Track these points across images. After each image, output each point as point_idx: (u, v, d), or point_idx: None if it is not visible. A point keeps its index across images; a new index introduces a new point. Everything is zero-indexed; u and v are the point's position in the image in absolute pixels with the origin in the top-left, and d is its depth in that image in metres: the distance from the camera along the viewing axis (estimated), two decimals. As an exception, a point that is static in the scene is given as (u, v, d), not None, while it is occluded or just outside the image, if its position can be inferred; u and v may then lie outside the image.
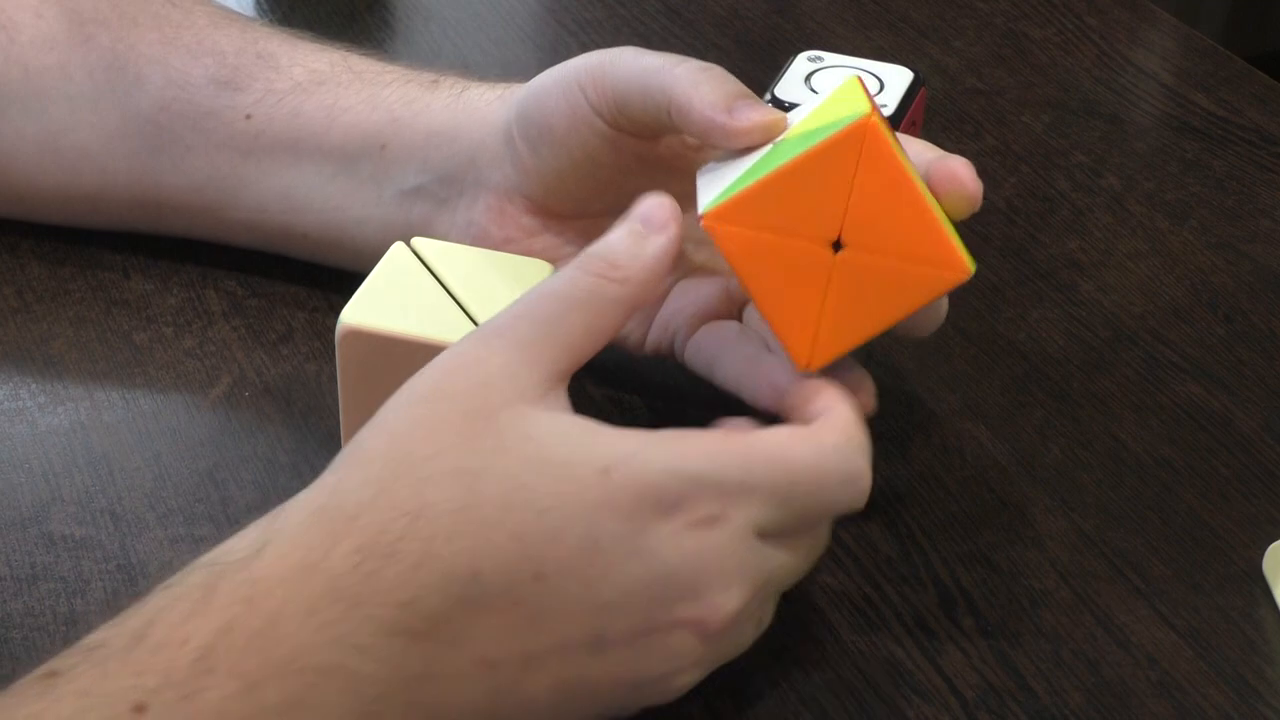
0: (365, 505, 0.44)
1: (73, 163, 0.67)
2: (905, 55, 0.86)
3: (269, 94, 0.64)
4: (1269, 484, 0.61)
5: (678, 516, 0.45)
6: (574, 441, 0.45)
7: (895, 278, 0.50)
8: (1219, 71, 0.88)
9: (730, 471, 0.46)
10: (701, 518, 0.45)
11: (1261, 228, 0.76)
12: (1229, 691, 0.53)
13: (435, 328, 0.56)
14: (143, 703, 0.40)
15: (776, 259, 0.51)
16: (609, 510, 0.44)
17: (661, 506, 0.45)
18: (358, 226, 0.64)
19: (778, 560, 0.48)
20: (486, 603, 0.43)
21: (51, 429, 0.61)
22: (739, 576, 0.46)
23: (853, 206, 0.50)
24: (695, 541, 0.45)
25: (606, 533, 0.44)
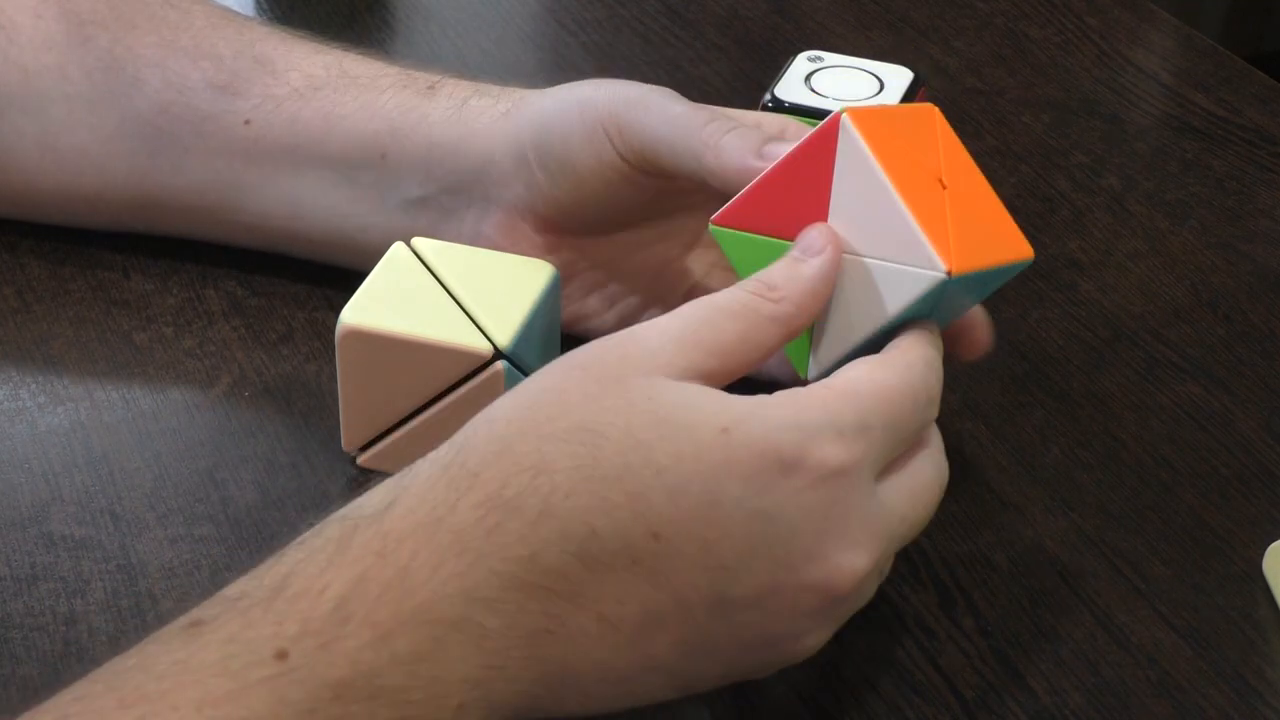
0: (488, 462, 0.44)
1: (71, 163, 0.67)
2: (905, 55, 0.86)
3: (267, 99, 0.64)
4: (1269, 484, 0.61)
5: (801, 473, 0.45)
6: (696, 403, 0.45)
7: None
8: (1219, 71, 0.88)
9: (846, 416, 0.46)
10: (827, 471, 0.45)
11: (1261, 228, 0.76)
12: (1229, 691, 0.53)
13: (435, 328, 0.56)
14: (284, 650, 0.41)
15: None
16: (729, 471, 0.44)
17: (784, 465, 0.45)
18: (363, 232, 0.64)
19: (890, 509, 0.47)
20: (604, 560, 0.43)
21: (51, 429, 0.61)
22: (864, 534, 0.46)
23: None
24: (820, 498, 0.45)
25: (726, 494, 0.44)
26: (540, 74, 0.87)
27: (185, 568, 0.56)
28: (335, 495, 0.59)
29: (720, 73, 0.86)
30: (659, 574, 0.44)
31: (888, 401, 0.47)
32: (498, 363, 0.56)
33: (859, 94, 0.67)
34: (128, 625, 0.54)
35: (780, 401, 0.46)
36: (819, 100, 0.66)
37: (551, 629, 0.43)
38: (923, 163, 0.52)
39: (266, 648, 0.41)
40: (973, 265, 0.50)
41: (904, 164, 0.51)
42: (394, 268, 0.59)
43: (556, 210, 0.60)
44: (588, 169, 0.58)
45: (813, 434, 0.45)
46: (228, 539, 0.57)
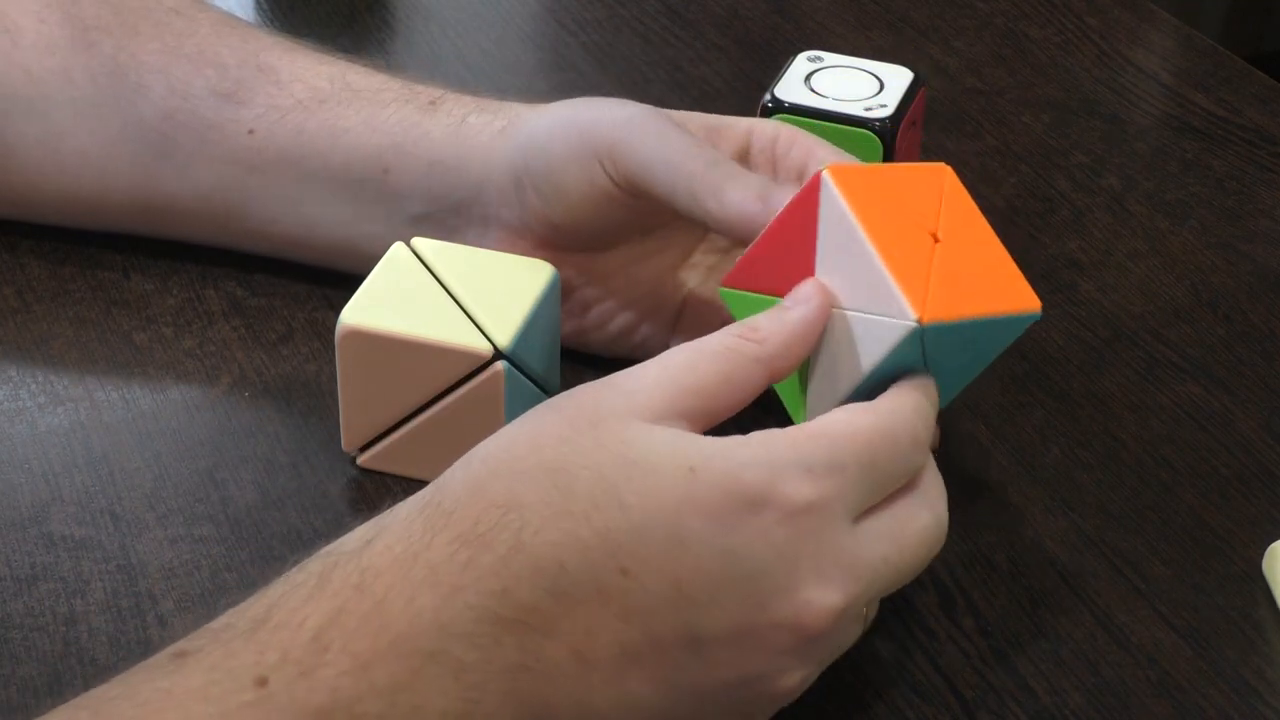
0: (462, 501, 0.45)
1: (74, 166, 0.67)
2: (905, 55, 0.86)
3: (271, 110, 0.65)
4: (1269, 484, 0.61)
5: (769, 510, 0.45)
6: (664, 445, 0.46)
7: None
8: (1219, 71, 0.88)
9: (817, 455, 0.46)
10: (795, 508, 0.45)
11: (1261, 228, 0.76)
12: (1229, 691, 0.53)
13: (435, 328, 0.56)
14: (264, 677, 0.42)
15: None
16: (694, 509, 0.45)
17: (751, 502, 0.45)
18: (369, 242, 0.64)
19: (872, 549, 0.47)
20: (575, 594, 0.44)
21: (51, 429, 0.61)
22: (836, 571, 0.46)
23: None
24: (789, 535, 0.45)
25: (692, 531, 0.44)
26: (540, 74, 0.87)
27: (185, 568, 0.56)
28: (335, 495, 0.59)
29: (720, 73, 0.86)
30: (630, 610, 0.44)
31: (865, 442, 0.47)
32: (498, 363, 0.56)
33: (859, 94, 0.67)
34: (128, 625, 0.54)
35: (750, 441, 0.46)
36: (819, 100, 0.66)
37: (528, 664, 0.44)
38: (914, 218, 0.52)
39: (247, 675, 0.42)
40: (950, 315, 0.50)
41: (888, 218, 0.51)
42: (394, 268, 0.59)
43: (551, 230, 0.61)
44: (580, 193, 0.59)
45: (780, 471, 0.45)
46: (228, 539, 0.57)
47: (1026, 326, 0.52)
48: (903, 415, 0.48)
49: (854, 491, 0.46)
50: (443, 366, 0.56)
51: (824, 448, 0.46)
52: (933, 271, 0.51)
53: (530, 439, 0.46)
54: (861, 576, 0.46)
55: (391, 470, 0.59)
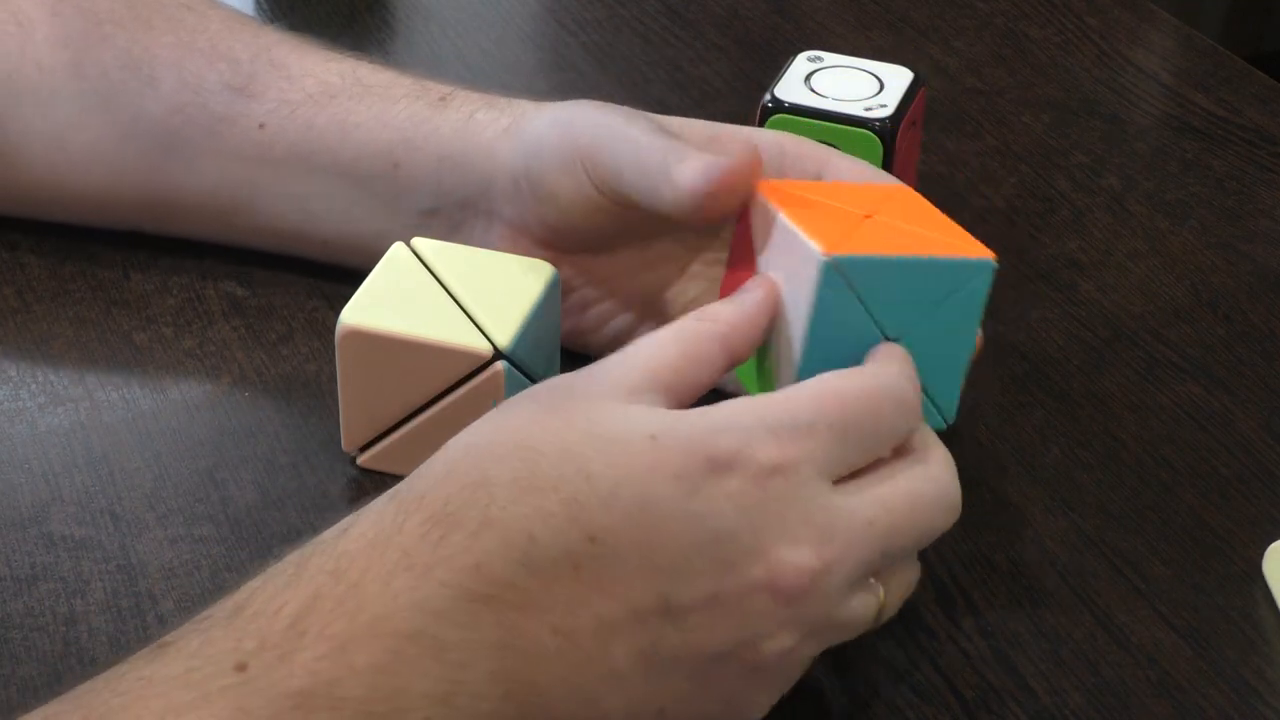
0: (432, 485, 0.46)
1: (82, 160, 0.67)
2: (905, 55, 0.86)
3: (282, 104, 0.65)
4: (1269, 484, 0.61)
5: (735, 472, 0.45)
6: (629, 417, 0.46)
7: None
8: (1219, 71, 0.88)
9: (783, 417, 0.46)
10: (762, 469, 0.45)
11: (1261, 228, 0.76)
12: (1229, 691, 0.53)
13: (435, 328, 0.56)
14: (243, 662, 0.42)
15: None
16: (657, 473, 0.45)
17: (715, 464, 0.45)
18: (377, 238, 0.64)
19: (850, 513, 0.46)
20: (546, 566, 0.44)
21: (51, 429, 0.61)
22: (808, 531, 0.45)
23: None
24: (756, 495, 0.45)
25: (657, 496, 0.45)
26: (540, 74, 0.87)
27: (185, 568, 0.56)
28: (335, 495, 0.59)
29: (720, 73, 0.86)
30: (603, 579, 0.44)
31: (836, 404, 0.47)
32: (497, 363, 0.56)
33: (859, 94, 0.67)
34: (128, 625, 0.54)
35: (717, 408, 0.47)
36: (819, 100, 0.66)
37: (509, 642, 0.44)
38: (849, 206, 0.54)
39: (227, 661, 0.42)
40: (860, 250, 0.51)
41: (815, 208, 0.53)
42: (394, 268, 0.59)
43: (549, 231, 0.61)
44: (569, 199, 0.59)
45: (745, 434, 0.45)
46: (228, 539, 0.57)
47: (988, 282, 0.53)
48: (883, 379, 0.49)
49: (825, 453, 0.46)
50: (443, 366, 0.56)
51: (790, 410, 0.46)
52: (856, 231, 0.52)
53: (502, 423, 0.47)
54: (838, 538, 0.46)
55: (391, 470, 0.59)
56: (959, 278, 0.52)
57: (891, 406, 0.48)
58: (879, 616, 0.49)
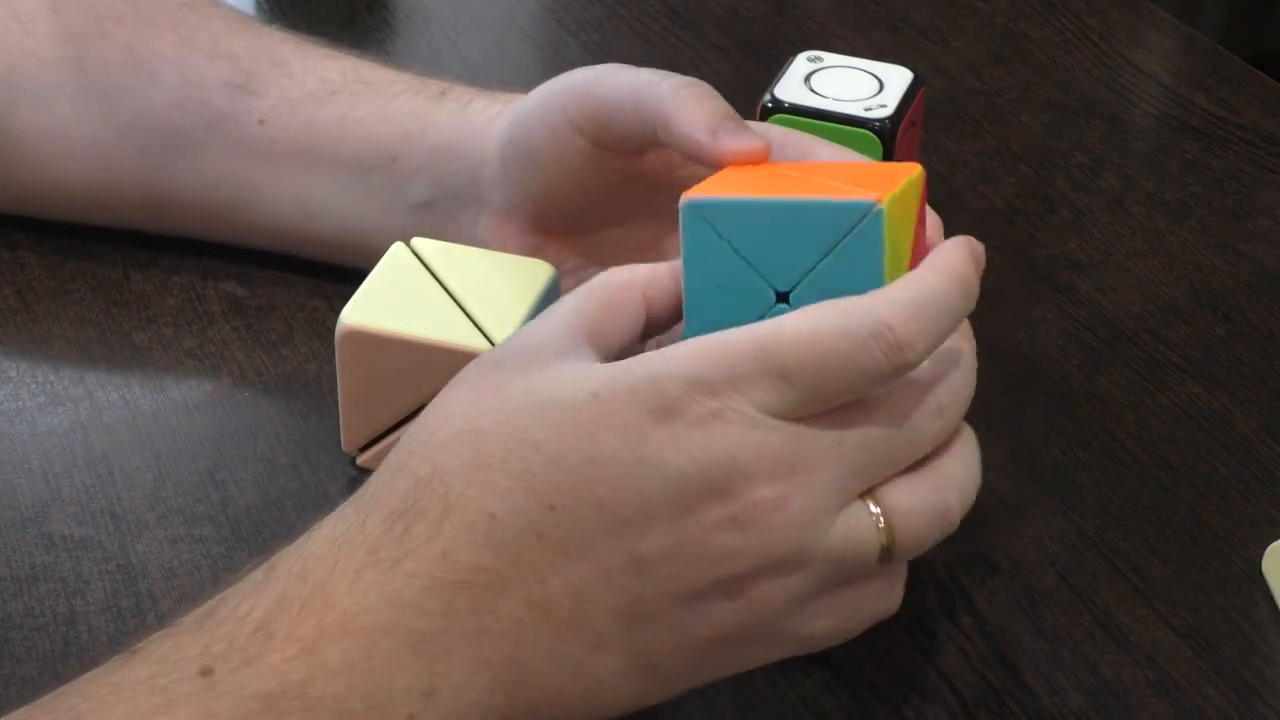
0: (385, 483, 0.46)
1: (84, 156, 0.67)
2: (905, 55, 0.86)
3: (283, 101, 0.65)
4: (1269, 484, 0.61)
5: (676, 418, 0.44)
6: (566, 378, 0.46)
7: None
8: (1219, 71, 0.88)
9: (715, 366, 0.45)
10: (699, 416, 0.44)
11: (1261, 228, 0.76)
12: (1228, 691, 0.53)
13: (435, 328, 0.56)
14: (209, 666, 0.42)
15: None
16: (601, 427, 0.44)
17: (656, 412, 0.44)
18: (374, 234, 0.64)
19: (811, 441, 0.45)
20: (511, 541, 0.44)
21: (51, 429, 0.61)
22: (759, 462, 0.44)
23: None
24: (701, 438, 0.44)
25: (605, 449, 0.44)
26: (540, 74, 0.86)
27: (185, 568, 0.56)
28: (335, 495, 0.59)
29: (720, 73, 0.86)
30: (567, 544, 0.44)
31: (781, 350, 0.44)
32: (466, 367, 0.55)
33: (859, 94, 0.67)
34: (128, 625, 0.54)
35: (651, 357, 0.46)
36: (819, 100, 0.66)
37: (487, 626, 0.44)
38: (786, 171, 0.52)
39: (192, 665, 0.42)
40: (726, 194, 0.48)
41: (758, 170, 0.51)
42: (394, 268, 0.59)
43: (533, 204, 0.61)
44: (550, 153, 0.59)
45: (678, 381, 0.44)
46: (228, 539, 0.57)
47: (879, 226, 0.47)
48: (855, 317, 0.45)
49: (768, 398, 0.45)
50: (443, 366, 0.56)
51: (724, 360, 0.45)
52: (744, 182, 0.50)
53: (440, 413, 0.47)
54: (799, 461, 0.44)
55: (391, 470, 0.59)
56: (840, 221, 0.47)
57: (848, 346, 0.44)
58: (892, 547, 0.46)
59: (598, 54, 0.87)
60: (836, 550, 0.45)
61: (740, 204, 0.48)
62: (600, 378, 0.45)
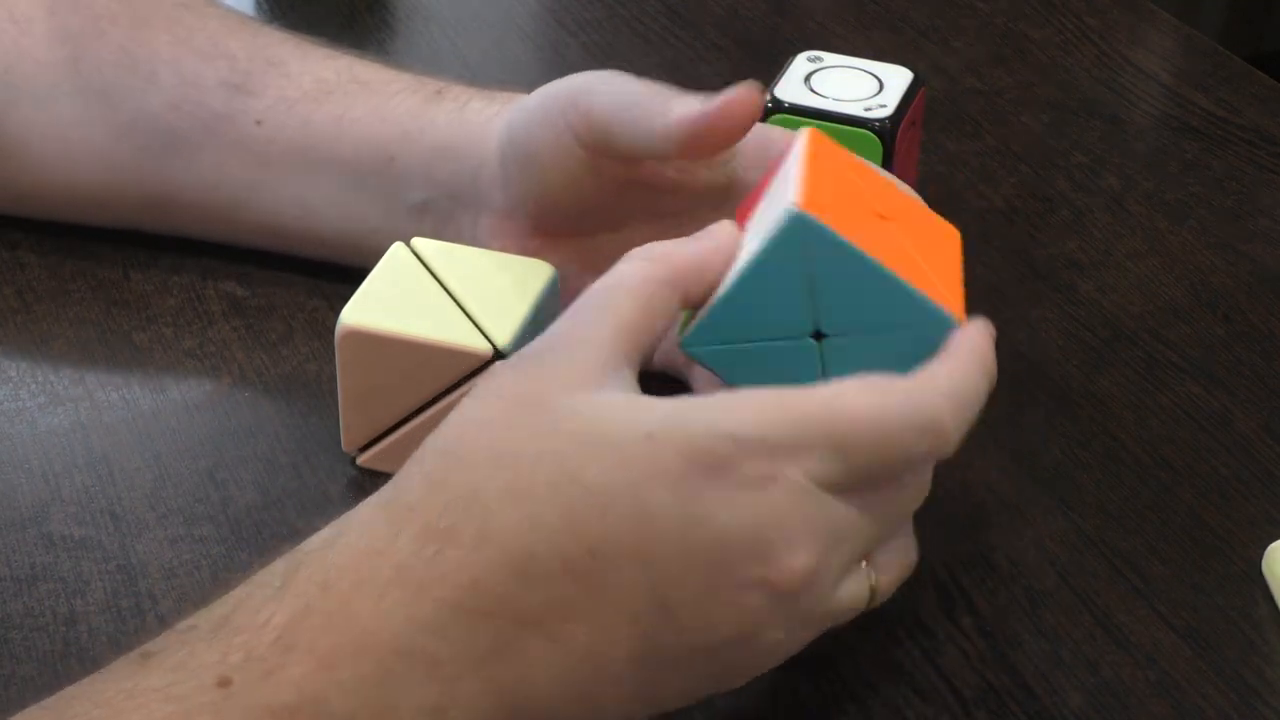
0: (423, 496, 0.45)
1: (82, 157, 0.67)
2: (905, 55, 0.86)
3: (280, 101, 0.65)
4: (1269, 484, 0.61)
5: (728, 478, 0.44)
6: (619, 413, 0.45)
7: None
8: (1219, 71, 0.88)
9: (778, 429, 0.45)
10: (751, 477, 0.44)
11: (1261, 228, 0.76)
12: (1228, 691, 0.53)
13: (435, 328, 0.56)
14: (227, 677, 0.41)
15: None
16: (656, 479, 0.44)
17: (710, 469, 0.44)
18: (373, 234, 0.64)
19: (846, 514, 0.46)
20: (546, 580, 0.44)
21: (51, 429, 0.61)
22: (804, 533, 0.45)
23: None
24: (750, 502, 0.44)
25: (655, 503, 0.44)
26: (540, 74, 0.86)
27: (185, 568, 0.56)
28: (335, 495, 0.59)
29: (720, 73, 0.86)
30: (600, 589, 0.44)
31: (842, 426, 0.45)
32: (497, 363, 0.56)
33: (859, 94, 0.67)
34: (128, 625, 0.54)
35: (710, 404, 0.45)
36: (819, 100, 0.66)
37: (503, 653, 0.44)
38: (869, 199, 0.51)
39: (209, 675, 0.42)
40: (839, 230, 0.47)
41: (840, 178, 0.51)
42: (394, 268, 0.59)
43: (533, 206, 0.61)
44: (549, 159, 0.59)
45: (735, 440, 0.44)
46: (228, 539, 0.57)
47: (941, 339, 0.49)
48: (915, 401, 0.46)
49: (820, 469, 0.45)
50: (443, 366, 0.56)
51: (787, 423, 0.45)
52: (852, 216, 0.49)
53: (480, 429, 0.46)
54: (832, 533, 0.45)
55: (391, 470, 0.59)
56: (916, 317, 0.49)
57: (912, 434, 0.46)
58: (873, 599, 0.48)
59: (597, 54, 0.87)
60: (839, 608, 0.48)
61: (845, 248, 0.48)
62: (655, 419, 0.45)
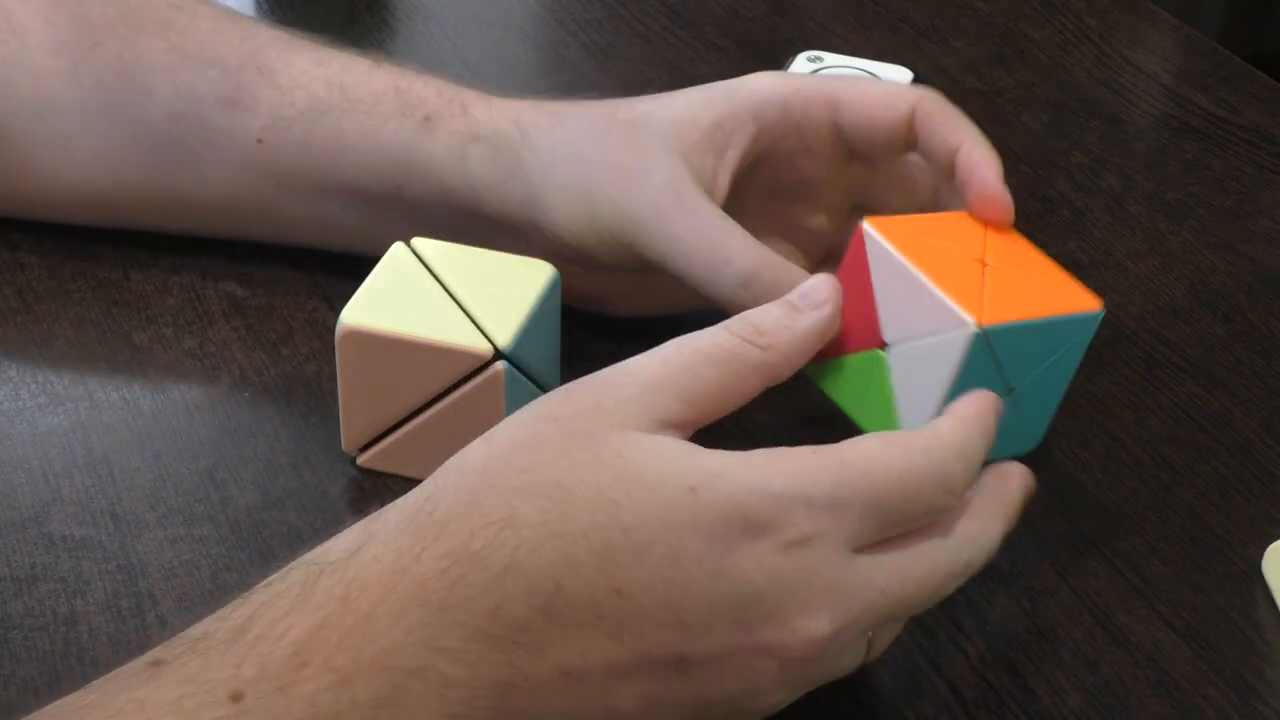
0: (456, 513, 0.44)
1: (87, 166, 0.67)
2: (905, 55, 0.86)
3: (276, 120, 0.64)
4: (1269, 484, 0.61)
5: (767, 538, 0.44)
6: (666, 461, 0.45)
7: None
8: (1219, 71, 0.88)
9: (822, 488, 0.45)
10: (793, 539, 0.44)
11: (1261, 228, 0.76)
12: (1228, 691, 0.53)
13: (435, 328, 0.56)
14: (240, 691, 0.41)
15: None
16: (694, 530, 0.44)
17: (750, 527, 0.44)
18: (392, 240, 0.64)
19: (868, 578, 0.46)
20: (569, 614, 0.43)
21: (51, 429, 0.61)
22: (828, 600, 0.45)
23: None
24: (784, 563, 0.44)
25: (690, 553, 0.44)
26: (540, 74, 0.87)
27: (185, 568, 0.56)
28: (335, 495, 0.59)
29: (720, 73, 0.86)
30: (622, 630, 0.44)
31: (878, 482, 0.46)
32: (497, 363, 0.56)
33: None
34: (128, 625, 0.54)
35: (755, 461, 0.45)
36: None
37: (515, 681, 0.43)
38: (958, 249, 0.55)
39: (222, 689, 0.41)
40: (1007, 318, 0.52)
41: (933, 251, 0.54)
42: (394, 268, 0.59)
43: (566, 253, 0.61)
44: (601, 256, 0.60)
45: (780, 499, 0.45)
46: (228, 539, 0.57)
47: (1094, 329, 0.54)
48: (934, 458, 0.47)
49: (856, 526, 0.45)
50: (443, 366, 0.56)
51: (830, 481, 0.45)
52: (985, 287, 0.53)
53: (527, 450, 0.45)
54: (853, 607, 0.46)
55: (391, 470, 0.59)
56: (1077, 330, 0.55)
57: (931, 489, 0.47)
58: (866, 657, 0.49)
59: (598, 54, 0.87)
60: (836, 672, 0.48)
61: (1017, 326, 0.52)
62: (701, 475, 0.45)
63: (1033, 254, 0.57)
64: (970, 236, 0.56)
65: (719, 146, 0.60)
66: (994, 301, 0.52)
